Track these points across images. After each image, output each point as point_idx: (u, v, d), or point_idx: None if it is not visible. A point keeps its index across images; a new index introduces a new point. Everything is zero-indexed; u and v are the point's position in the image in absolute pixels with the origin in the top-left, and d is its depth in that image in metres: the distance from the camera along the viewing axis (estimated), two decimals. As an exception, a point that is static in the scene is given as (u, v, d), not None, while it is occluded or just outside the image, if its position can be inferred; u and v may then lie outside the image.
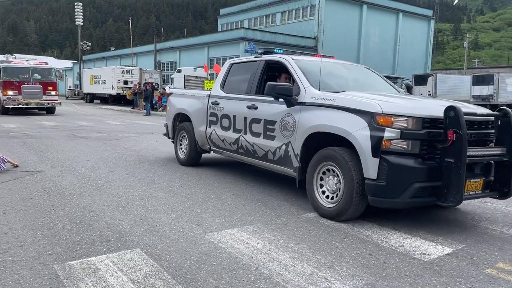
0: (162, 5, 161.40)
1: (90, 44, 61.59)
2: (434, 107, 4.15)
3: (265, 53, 5.98)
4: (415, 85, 26.49)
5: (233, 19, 49.18)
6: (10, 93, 19.30)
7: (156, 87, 28.92)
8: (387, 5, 42.40)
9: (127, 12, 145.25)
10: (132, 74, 33.26)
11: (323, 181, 4.54)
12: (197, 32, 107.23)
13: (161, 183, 5.89)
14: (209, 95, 6.62)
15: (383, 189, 3.86)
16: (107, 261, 3.17)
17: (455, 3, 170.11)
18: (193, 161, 7.19)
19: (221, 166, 7.37)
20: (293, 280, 2.96)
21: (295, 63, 5.32)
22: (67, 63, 68.95)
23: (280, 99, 5.07)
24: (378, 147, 3.87)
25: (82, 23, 51.81)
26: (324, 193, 4.52)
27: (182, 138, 7.46)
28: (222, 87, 6.48)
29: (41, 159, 7.67)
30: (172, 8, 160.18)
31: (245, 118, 5.71)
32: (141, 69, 34.44)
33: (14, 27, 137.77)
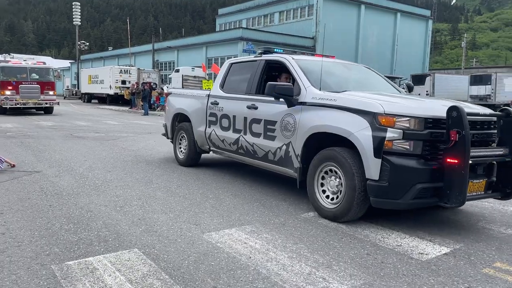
0: (160, 5, 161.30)
1: (88, 44, 61.37)
2: (436, 107, 4.11)
3: (265, 53, 5.94)
4: (413, 85, 26.46)
5: (231, 19, 49.18)
6: (7, 93, 19.26)
7: (154, 87, 28.87)
8: (385, 5, 42.46)
9: (125, 12, 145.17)
10: (130, 74, 33.20)
11: (324, 181, 4.50)
12: (195, 32, 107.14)
13: (159, 183, 5.89)
14: (209, 95, 6.58)
15: (385, 190, 3.83)
16: (105, 261, 3.17)
17: (452, 3, 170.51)
18: (192, 161, 7.16)
19: (219, 166, 7.36)
20: (291, 280, 2.97)
21: (295, 62, 5.28)
22: (65, 63, 68.81)
23: (280, 99, 5.04)
24: (380, 148, 3.83)
25: (80, 23, 51.78)
26: (325, 194, 4.47)
27: (181, 138, 7.41)
28: (221, 87, 6.44)
29: (38, 159, 7.66)
30: (170, 8, 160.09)
31: (245, 118, 5.67)
32: (139, 69, 34.35)
33: (11, 27, 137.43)
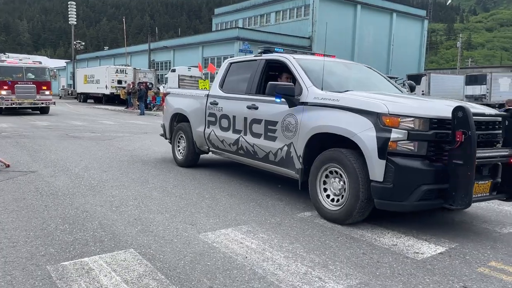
0: (156, 5, 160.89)
1: (83, 43, 61.20)
2: (441, 107, 4.06)
3: (265, 52, 5.88)
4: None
5: (227, 19, 49.16)
6: (3, 92, 19.14)
7: (150, 86, 28.84)
8: (381, 5, 42.57)
9: (121, 11, 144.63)
10: (126, 73, 33.10)
11: (326, 183, 4.43)
12: (192, 31, 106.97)
13: (155, 183, 5.88)
14: (208, 95, 6.50)
15: (390, 192, 3.77)
16: (101, 262, 3.16)
17: (448, 3, 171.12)
18: (191, 162, 7.08)
19: (215, 166, 7.36)
20: (287, 279, 2.97)
21: (296, 62, 5.20)
22: (61, 63, 68.48)
23: (281, 99, 4.98)
24: (384, 149, 3.77)
25: (75, 22, 51.51)
26: (328, 196, 4.41)
27: (179, 139, 7.32)
28: (221, 86, 6.36)
29: (34, 159, 7.62)
30: (166, 7, 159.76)
31: (245, 118, 5.60)
32: (135, 68, 34.29)
33: (6, 26, 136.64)
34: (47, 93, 20.51)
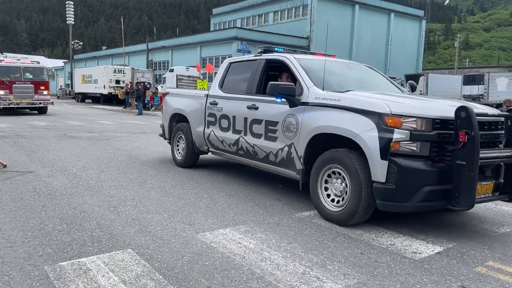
0: (154, 4, 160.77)
1: (81, 43, 61.12)
2: (444, 107, 4.04)
3: (265, 52, 5.85)
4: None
5: (225, 19, 49.13)
6: (1, 92, 19.08)
7: (148, 86, 28.80)
8: (379, 5, 42.59)
9: (119, 11, 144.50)
10: (124, 73, 33.06)
11: (328, 184, 4.39)
12: (190, 31, 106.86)
13: (153, 183, 5.87)
14: (207, 95, 6.47)
15: (392, 193, 3.74)
16: (98, 262, 3.15)
17: (446, 4, 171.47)
18: (190, 162, 7.04)
19: (214, 166, 7.35)
20: (285, 279, 2.97)
21: (297, 62, 5.16)
22: (58, 63, 68.41)
23: (282, 99, 4.95)
24: (387, 149, 3.74)
25: (73, 22, 51.45)
26: (329, 197, 4.37)
27: (179, 139, 7.29)
28: (220, 86, 6.33)
29: (31, 159, 7.61)
30: (164, 7, 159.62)
31: (245, 118, 5.56)
32: (133, 68, 34.25)
33: (4, 26, 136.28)
34: (45, 93, 20.45)
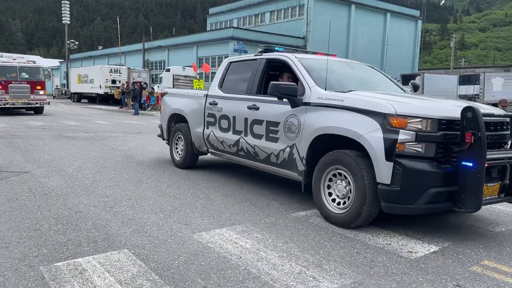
0: (150, 4, 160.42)
1: (77, 43, 60.93)
2: (449, 107, 3.98)
3: (265, 51, 5.76)
4: (402, 85, 26.67)
5: (222, 18, 49.11)
6: (-4, 92, 18.99)
7: (144, 86, 28.72)
8: (375, 5, 42.73)
9: (115, 10, 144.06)
10: (120, 73, 32.96)
11: (331, 185, 4.31)
12: (186, 31, 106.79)
13: (149, 183, 5.86)
14: (207, 95, 6.40)
15: (398, 195, 3.67)
16: (94, 262, 3.14)
17: (441, 4, 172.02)
18: (189, 163, 6.97)
19: (210, 166, 7.35)
20: (282, 279, 2.97)
21: (298, 61, 5.09)
22: (54, 62, 68.09)
23: (283, 99, 4.87)
24: (392, 150, 3.67)
25: (69, 22, 51.19)
26: (331, 198, 4.31)
27: (177, 139, 7.21)
28: (220, 86, 6.26)
29: (27, 159, 7.57)
30: (160, 7, 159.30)
31: (246, 119, 5.48)
32: (129, 68, 34.14)
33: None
34: (42, 93, 20.33)
